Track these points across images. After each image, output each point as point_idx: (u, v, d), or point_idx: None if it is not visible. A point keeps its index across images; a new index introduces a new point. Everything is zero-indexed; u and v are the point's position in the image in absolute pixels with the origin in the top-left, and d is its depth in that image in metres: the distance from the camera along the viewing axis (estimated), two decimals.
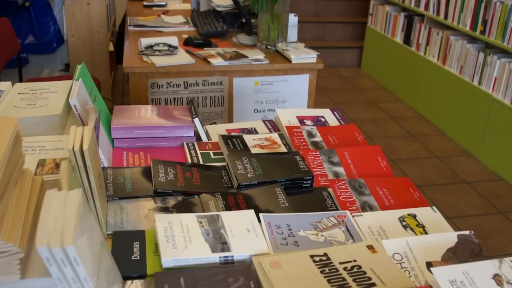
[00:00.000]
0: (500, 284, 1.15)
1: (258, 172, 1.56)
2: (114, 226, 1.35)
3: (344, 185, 1.56)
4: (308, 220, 1.38)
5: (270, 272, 1.16)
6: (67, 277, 0.94)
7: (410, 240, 1.32)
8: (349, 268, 1.20)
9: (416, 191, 1.58)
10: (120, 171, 1.58)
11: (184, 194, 1.49)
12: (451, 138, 4.67)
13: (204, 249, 1.23)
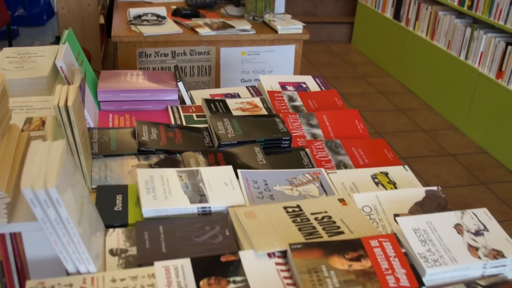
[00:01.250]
0: (461, 233, 1.22)
1: (238, 132, 1.62)
2: (99, 181, 1.41)
3: (320, 145, 1.63)
4: (284, 176, 1.45)
5: (245, 221, 1.23)
6: (50, 218, 1.00)
7: (379, 194, 1.38)
8: (320, 218, 1.27)
9: (390, 151, 1.65)
10: (106, 131, 1.64)
11: (166, 153, 1.55)
12: (438, 112, 4.74)
13: (183, 200, 1.29)
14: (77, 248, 1.04)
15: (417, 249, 1.16)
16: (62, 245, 1.03)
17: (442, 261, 1.15)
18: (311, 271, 1.09)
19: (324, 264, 1.11)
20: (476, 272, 1.17)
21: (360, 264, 1.12)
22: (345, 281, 1.08)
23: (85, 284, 1.05)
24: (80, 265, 1.07)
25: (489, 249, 1.19)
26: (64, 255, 1.05)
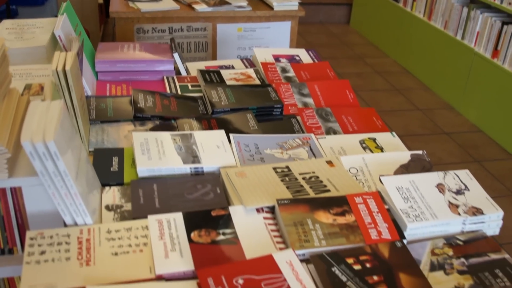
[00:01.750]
0: (442, 192, 1.28)
1: (232, 100, 1.67)
2: (96, 144, 1.46)
3: (311, 113, 1.68)
4: (274, 140, 1.50)
5: (235, 180, 1.29)
6: (48, 170, 1.06)
7: (366, 157, 1.44)
8: (308, 178, 1.32)
9: (379, 119, 1.70)
10: (103, 99, 1.69)
11: (161, 119, 1.61)
12: (434, 92, 4.78)
13: (176, 161, 1.35)
14: (74, 200, 1.09)
15: (399, 205, 1.22)
16: (60, 197, 1.09)
17: (423, 216, 1.20)
18: (297, 224, 1.15)
19: (309, 218, 1.17)
20: (456, 228, 1.23)
21: (344, 219, 1.18)
22: (329, 233, 1.14)
23: (82, 235, 1.11)
24: (77, 217, 1.12)
25: (469, 207, 1.25)
26: (62, 207, 1.11)
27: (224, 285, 0.99)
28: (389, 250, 1.11)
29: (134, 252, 1.08)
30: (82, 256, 1.06)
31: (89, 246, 1.08)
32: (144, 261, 1.06)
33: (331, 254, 1.09)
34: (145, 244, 1.10)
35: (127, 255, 1.07)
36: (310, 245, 1.10)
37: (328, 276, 1.04)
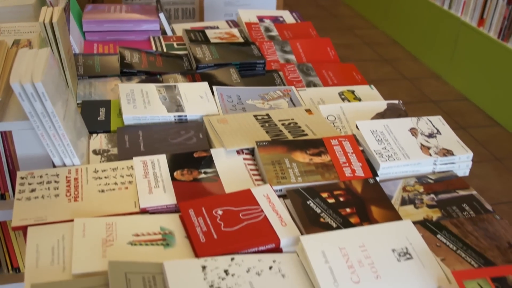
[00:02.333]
0: (415, 135, 1.34)
1: (216, 56, 1.73)
2: (83, 97, 1.52)
3: (293, 68, 1.74)
4: (256, 92, 1.56)
5: (217, 125, 1.35)
6: (37, 111, 1.11)
7: (343, 106, 1.50)
8: (287, 124, 1.38)
9: (359, 74, 1.76)
10: (90, 57, 1.74)
11: (147, 75, 1.66)
12: (422, 62, 4.83)
13: (161, 109, 1.41)
14: (62, 141, 1.15)
15: (373, 146, 1.28)
16: (49, 138, 1.15)
17: (395, 157, 1.27)
18: (275, 163, 1.21)
19: (287, 158, 1.23)
20: (427, 168, 1.29)
21: (320, 159, 1.24)
22: (305, 171, 1.20)
23: (70, 174, 1.17)
24: (65, 158, 1.18)
25: (440, 148, 1.31)
26: (51, 148, 1.16)
27: (204, 216, 1.05)
28: (362, 186, 1.18)
29: (119, 189, 1.14)
30: (71, 193, 1.12)
31: (77, 184, 1.14)
32: (129, 197, 1.12)
33: (307, 189, 1.15)
34: (130, 182, 1.16)
35: (113, 192, 1.13)
36: (287, 181, 1.16)
37: (304, 208, 1.10)
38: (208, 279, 0.91)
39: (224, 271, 0.93)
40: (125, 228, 1.03)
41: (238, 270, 0.94)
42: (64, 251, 0.98)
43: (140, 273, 0.92)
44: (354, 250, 0.98)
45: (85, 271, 0.94)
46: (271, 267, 0.96)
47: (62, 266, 0.96)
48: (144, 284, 0.90)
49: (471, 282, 0.93)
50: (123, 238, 1.00)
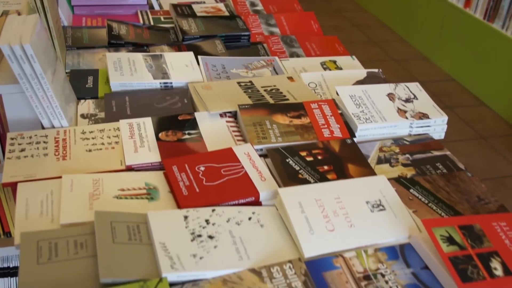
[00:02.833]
0: (392, 100, 1.39)
1: (201, 28, 1.77)
2: (72, 66, 1.56)
3: (276, 40, 1.78)
4: (241, 62, 1.61)
5: (202, 91, 1.39)
6: (26, 73, 1.15)
7: (324, 74, 1.55)
8: (269, 90, 1.43)
9: (341, 46, 1.81)
10: (79, 29, 1.78)
11: (134, 46, 1.70)
12: (410, 44, 4.88)
13: (147, 76, 1.45)
14: (51, 103, 1.19)
15: (352, 110, 1.33)
16: (38, 100, 1.19)
17: (372, 119, 1.32)
18: (256, 124, 1.26)
19: (268, 120, 1.28)
20: (404, 131, 1.34)
21: (300, 121, 1.29)
22: (285, 132, 1.25)
23: (59, 135, 1.21)
24: (54, 119, 1.22)
25: (416, 112, 1.36)
26: (40, 110, 1.21)
27: (187, 172, 1.10)
28: (340, 146, 1.23)
29: (106, 149, 1.19)
30: (59, 153, 1.17)
31: (65, 144, 1.19)
32: (115, 156, 1.17)
33: (286, 148, 1.20)
34: (116, 143, 1.20)
35: (99, 152, 1.18)
36: (267, 141, 1.21)
37: (283, 166, 1.15)
38: (189, 227, 0.96)
39: (205, 220, 0.98)
40: (111, 183, 1.08)
41: (218, 220, 0.99)
42: (53, 204, 1.03)
43: (125, 222, 0.96)
44: (330, 201, 1.03)
45: (73, 221, 0.98)
46: (250, 218, 1.01)
47: (51, 217, 1.01)
48: (129, 232, 0.94)
49: (439, 229, 0.98)
50: (109, 192, 1.05)
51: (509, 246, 0.99)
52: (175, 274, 0.86)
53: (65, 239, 0.94)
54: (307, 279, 0.90)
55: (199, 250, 0.92)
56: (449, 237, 0.97)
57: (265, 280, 0.89)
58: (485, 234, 1.00)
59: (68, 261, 0.90)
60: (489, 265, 0.93)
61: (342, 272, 0.92)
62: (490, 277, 0.92)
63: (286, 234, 0.99)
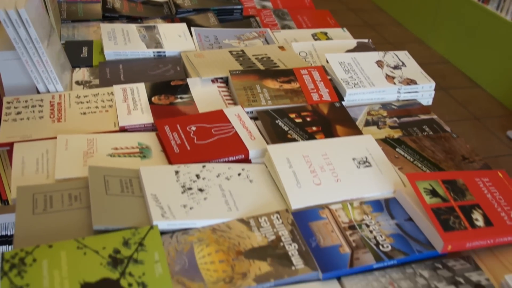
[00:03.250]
0: (381, 67, 1.42)
1: (194, 2, 1.80)
2: (67, 38, 1.58)
3: (269, 13, 1.81)
4: (233, 33, 1.63)
5: (194, 59, 1.42)
6: (21, 37, 1.18)
7: (315, 43, 1.57)
8: (260, 58, 1.46)
9: (332, 19, 1.84)
10: (73, 3, 1.80)
11: (129, 19, 1.72)
12: (405, 27, 4.91)
13: (140, 46, 1.48)
14: (46, 67, 1.22)
15: (340, 75, 1.36)
16: (33, 64, 1.22)
17: (361, 84, 1.35)
18: (247, 88, 1.29)
19: (258, 84, 1.31)
20: (392, 96, 1.37)
21: (290, 86, 1.32)
22: (275, 96, 1.28)
23: (54, 99, 1.24)
24: (49, 84, 1.25)
25: (404, 78, 1.39)
26: (35, 75, 1.24)
27: (178, 131, 1.13)
28: (328, 109, 1.26)
29: (100, 112, 1.22)
30: (54, 115, 1.20)
31: (60, 108, 1.22)
32: (109, 118, 1.20)
33: (276, 110, 1.23)
34: (110, 106, 1.23)
35: (94, 114, 1.21)
36: (257, 104, 1.24)
37: (272, 126, 1.18)
38: (180, 181, 0.99)
39: (195, 175, 1.01)
40: (105, 143, 1.11)
41: (208, 175, 1.02)
42: (48, 162, 1.06)
43: (118, 177, 1.00)
44: (317, 158, 1.07)
45: (67, 176, 1.01)
46: (239, 174, 1.04)
47: (46, 174, 1.04)
48: (121, 185, 0.98)
49: (423, 183, 1.01)
50: (103, 151, 1.08)
51: (491, 200, 1.02)
52: (166, 223, 0.89)
53: (60, 192, 0.97)
54: (293, 228, 0.93)
55: (189, 201, 0.95)
56: (432, 190, 1.00)
57: (253, 229, 0.92)
58: (467, 189, 1.03)
59: (62, 211, 0.93)
60: (470, 217, 0.97)
61: (328, 223, 0.95)
62: (472, 227, 0.95)
63: (274, 189, 1.02)
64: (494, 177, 1.08)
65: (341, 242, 0.91)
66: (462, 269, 0.92)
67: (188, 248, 0.88)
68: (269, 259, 0.87)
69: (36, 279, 0.79)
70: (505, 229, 0.97)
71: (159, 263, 0.83)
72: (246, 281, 0.83)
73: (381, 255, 0.89)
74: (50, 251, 0.83)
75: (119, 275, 0.81)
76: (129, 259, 0.84)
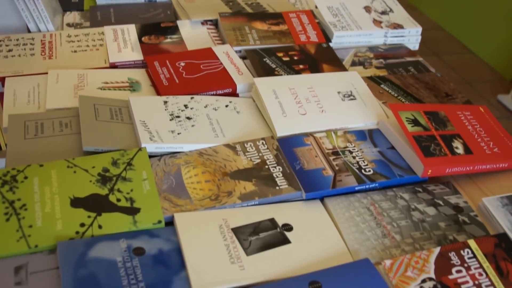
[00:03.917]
0: (369, 12, 1.44)
1: None
2: None
3: None
4: None
5: (185, 4, 1.44)
6: None
7: None
8: (250, 3, 1.48)
9: None
10: None
11: None
12: None
13: None
14: (37, 5, 1.24)
15: (328, 18, 1.38)
16: (23, 2, 1.23)
17: (348, 28, 1.37)
18: (235, 29, 1.31)
19: (247, 26, 1.32)
20: (379, 40, 1.39)
21: (278, 27, 1.34)
22: (263, 36, 1.30)
23: (45, 38, 1.26)
24: (40, 23, 1.27)
25: (391, 23, 1.41)
26: (26, 14, 1.25)
27: (168, 66, 1.15)
28: (316, 49, 1.28)
29: (91, 50, 1.24)
30: (45, 53, 1.21)
31: (51, 46, 1.24)
32: (100, 56, 1.22)
33: (264, 49, 1.25)
34: (101, 45, 1.25)
35: (84, 52, 1.23)
36: (246, 43, 1.26)
37: (260, 64, 1.20)
38: (169, 110, 1.02)
39: (183, 105, 1.04)
40: (95, 78, 1.13)
41: (196, 105, 1.05)
42: (39, 95, 1.08)
43: (108, 105, 1.02)
44: (303, 90, 1.09)
45: (58, 106, 1.04)
46: (227, 106, 1.07)
47: (37, 105, 1.06)
48: (111, 113, 1.00)
49: (405, 113, 1.04)
50: (93, 85, 1.11)
51: (472, 131, 1.05)
52: (154, 145, 0.92)
53: (51, 120, 0.99)
54: (278, 153, 0.96)
55: (177, 127, 0.98)
56: (414, 119, 1.03)
57: (239, 153, 0.95)
58: (449, 120, 1.06)
59: (53, 137, 0.96)
60: (451, 145, 0.99)
61: (312, 148, 0.98)
62: (452, 154, 0.98)
63: (261, 120, 1.05)
64: (476, 112, 1.11)
65: (324, 165, 0.94)
66: (441, 192, 0.95)
67: (175, 169, 0.90)
68: (254, 179, 0.90)
69: (27, 194, 0.82)
70: (485, 157, 1.00)
71: (147, 181, 0.86)
72: (231, 199, 0.86)
73: (363, 178, 0.92)
74: (41, 170, 0.86)
75: (108, 191, 0.84)
76: (117, 177, 0.86)
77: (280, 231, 0.83)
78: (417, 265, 0.80)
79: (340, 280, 0.76)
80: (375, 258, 0.82)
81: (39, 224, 0.78)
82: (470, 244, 0.84)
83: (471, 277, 0.79)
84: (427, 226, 0.88)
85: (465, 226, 0.88)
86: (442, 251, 0.82)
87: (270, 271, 0.76)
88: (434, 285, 0.77)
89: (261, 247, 0.80)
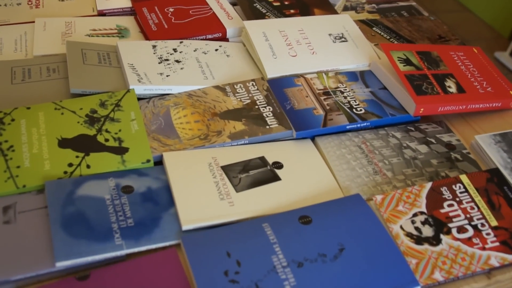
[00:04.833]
0: None
1: None
2: None
3: None
4: None
5: None
6: None
7: None
8: None
9: None
10: None
11: None
12: None
13: None
14: None
15: None
16: None
17: None
18: None
19: None
20: None
21: None
22: None
23: None
24: None
25: None
26: None
27: (156, 12, 1.13)
28: None
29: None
30: (32, 2, 1.19)
31: None
32: (87, 4, 1.20)
33: None
34: None
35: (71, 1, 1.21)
36: None
37: (251, 10, 1.19)
38: (157, 54, 1.00)
39: (172, 49, 1.02)
40: (83, 25, 1.11)
41: (185, 49, 1.03)
42: (26, 43, 1.07)
43: (95, 50, 1.01)
44: (293, 32, 1.08)
45: (46, 53, 1.02)
46: (217, 50, 1.05)
47: (25, 53, 1.05)
48: (99, 58, 0.99)
49: (397, 52, 1.03)
50: (81, 32, 1.09)
51: (465, 71, 1.04)
52: (142, 87, 0.91)
53: (38, 66, 0.98)
54: (268, 93, 0.95)
55: (166, 70, 0.96)
56: (406, 59, 1.01)
57: (229, 94, 0.94)
58: (442, 60, 1.04)
59: (41, 81, 0.95)
60: (443, 84, 0.98)
61: (303, 89, 0.97)
62: (444, 93, 0.97)
63: (251, 63, 1.03)
64: (469, 52, 1.09)
65: (315, 105, 0.93)
66: (434, 131, 0.94)
67: (164, 111, 0.89)
68: (244, 119, 0.89)
69: (15, 136, 0.81)
70: (478, 96, 0.99)
71: (135, 121, 0.85)
72: (220, 138, 0.85)
73: (354, 117, 0.92)
74: (28, 112, 0.85)
75: (95, 132, 0.83)
76: (105, 118, 0.85)
77: (270, 168, 0.82)
78: (408, 200, 0.79)
79: (330, 214, 0.75)
80: (367, 194, 0.81)
81: (27, 164, 0.77)
82: (462, 179, 0.83)
83: (463, 210, 0.79)
84: (419, 163, 0.87)
85: (457, 163, 0.88)
86: (434, 186, 0.82)
87: (260, 207, 0.76)
88: (425, 218, 0.77)
89: (251, 184, 0.79)
